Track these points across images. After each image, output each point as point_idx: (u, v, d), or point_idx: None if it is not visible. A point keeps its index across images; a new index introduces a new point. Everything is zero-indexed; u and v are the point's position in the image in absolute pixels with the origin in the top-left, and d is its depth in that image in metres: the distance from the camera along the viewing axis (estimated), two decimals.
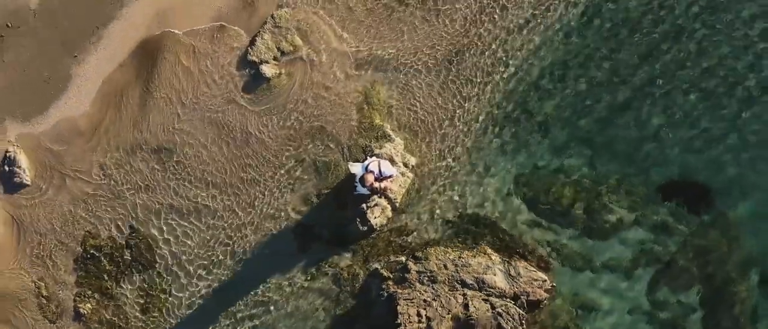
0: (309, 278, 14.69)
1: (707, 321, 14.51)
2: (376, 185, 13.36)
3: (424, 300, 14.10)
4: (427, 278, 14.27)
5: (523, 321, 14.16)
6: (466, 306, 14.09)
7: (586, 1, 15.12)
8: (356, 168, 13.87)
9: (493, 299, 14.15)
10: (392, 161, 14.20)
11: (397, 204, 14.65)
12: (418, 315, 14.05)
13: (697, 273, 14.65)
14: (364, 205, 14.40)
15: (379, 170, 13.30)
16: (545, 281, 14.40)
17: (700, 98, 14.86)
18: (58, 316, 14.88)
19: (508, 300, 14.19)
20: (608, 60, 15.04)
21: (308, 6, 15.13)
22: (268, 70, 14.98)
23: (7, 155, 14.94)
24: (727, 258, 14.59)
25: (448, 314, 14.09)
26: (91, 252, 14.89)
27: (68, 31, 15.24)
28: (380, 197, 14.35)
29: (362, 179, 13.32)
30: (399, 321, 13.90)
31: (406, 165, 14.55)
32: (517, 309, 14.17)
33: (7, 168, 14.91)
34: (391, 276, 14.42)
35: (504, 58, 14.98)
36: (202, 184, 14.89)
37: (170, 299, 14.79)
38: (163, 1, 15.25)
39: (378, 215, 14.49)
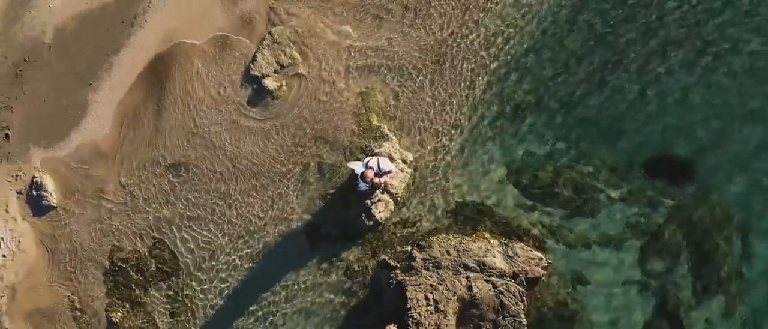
0: (322, 273, 15.64)
1: (696, 285, 15.34)
2: (377, 180, 14.34)
3: (431, 285, 15.03)
4: (431, 264, 15.17)
5: (524, 297, 14.98)
6: (469, 288, 15.00)
7: None
8: (356, 166, 14.82)
9: (494, 279, 15.04)
10: (391, 159, 15.10)
11: (399, 198, 15.58)
12: (426, 298, 14.97)
13: (683, 240, 15.47)
14: (368, 201, 15.32)
15: (378, 167, 14.26)
16: (541, 259, 15.23)
17: (668, 72, 15.78)
18: (93, 326, 15.87)
19: (508, 279, 15.05)
20: (579, 44, 15.99)
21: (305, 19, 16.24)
22: (270, 83, 16.00)
23: (34, 180, 15.95)
24: (711, 223, 15.41)
25: (454, 296, 14.99)
26: (119, 264, 15.90)
27: (82, 61, 16.14)
28: (382, 192, 15.29)
29: (363, 176, 14.27)
30: (409, 306, 14.78)
31: (404, 161, 15.46)
32: (517, 286, 15.01)
33: (35, 192, 15.94)
34: (399, 265, 15.29)
35: (484, 54, 15.92)
36: (216, 193, 15.87)
37: (195, 302, 15.77)
38: (167, 26, 16.23)
39: (382, 209, 15.47)
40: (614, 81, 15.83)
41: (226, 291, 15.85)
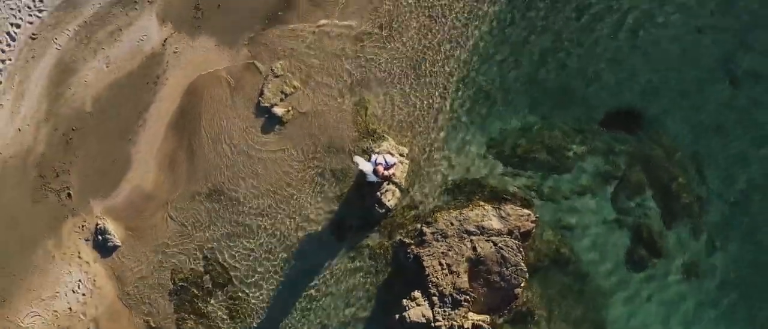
0: (350, 260, 18.32)
1: (664, 215, 18.00)
2: (386, 173, 17.13)
3: (442, 253, 17.62)
4: (440, 235, 17.74)
5: (521, 249, 17.60)
6: (474, 249, 17.60)
7: None
8: (362, 162, 17.34)
9: (493, 238, 17.64)
10: (390, 154, 17.81)
11: (403, 186, 18.27)
12: (440, 264, 17.58)
13: (646, 179, 18.11)
14: (378, 193, 18.02)
15: (385, 161, 17.06)
16: (530, 215, 17.84)
17: (602, 37, 18.33)
18: None
19: (505, 236, 17.63)
20: (526, 30, 18.58)
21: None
22: (278, 110, 18.72)
23: (98, 226, 18.75)
24: (667, 160, 18.06)
25: (463, 258, 17.62)
26: (180, 284, 18.68)
27: (120, 121, 18.73)
28: (389, 183, 17.99)
29: (375, 171, 16.97)
30: (427, 273, 17.45)
31: (401, 155, 18.11)
32: (514, 241, 17.61)
33: (100, 237, 18.76)
34: (413, 242, 17.84)
35: (453, 54, 18.58)
36: (250, 209, 18.54)
37: (249, 304, 18.49)
38: (185, 78, 18.87)
39: (390, 198, 18.16)
40: (559, 57, 18.47)
41: (273, 291, 18.58)
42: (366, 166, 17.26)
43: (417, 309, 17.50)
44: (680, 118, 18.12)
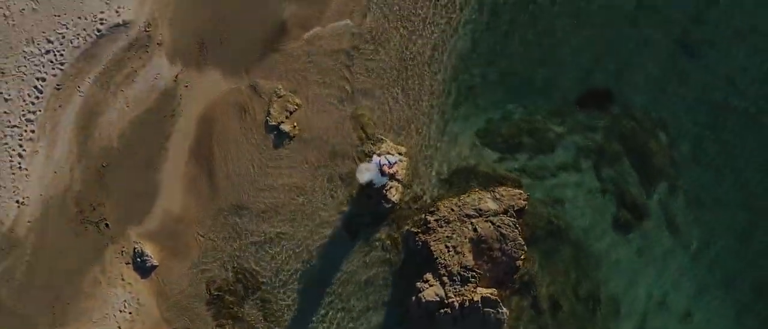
0: (365, 253, 20.28)
1: (641, 179, 19.89)
2: (390, 170, 19.15)
3: (447, 237, 19.57)
4: (443, 222, 19.69)
5: (517, 225, 19.53)
6: (475, 230, 19.53)
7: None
8: (367, 173, 19.22)
9: (491, 218, 19.57)
10: (390, 154, 19.80)
11: (405, 182, 20.24)
12: (446, 247, 19.52)
13: (622, 149, 20.03)
14: (383, 190, 20.01)
15: (388, 161, 19.10)
16: (521, 193, 19.77)
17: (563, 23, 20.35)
18: None
19: (501, 215, 19.56)
20: (503, 32, 20.61)
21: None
22: (286, 127, 20.75)
23: (135, 250, 20.76)
24: (638, 130, 19.97)
25: (466, 239, 19.54)
26: (215, 293, 20.66)
27: (145, 153, 20.77)
28: (391, 181, 20.00)
29: (381, 171, 18.98)
30: (435, 256, 19.40)
31: (400, 154, 20.10)
32: (510, 218, 19.54)
33: (139, 260, 20.76)
34: (419, 230, 19.80)
35: (436, 55, 20.58)
36: (270, 219, 20.55)
37: (279, 304, 20.44)
38: (198, 108, 20.95)
39: (394, 193, 20.09)
40: (527, 43, 20.49)
41: (299, 290, 20.49)
42: (370, 172, 19.17)
43: (430, 290, 19.44)
44: (642, 87, 20.00)
